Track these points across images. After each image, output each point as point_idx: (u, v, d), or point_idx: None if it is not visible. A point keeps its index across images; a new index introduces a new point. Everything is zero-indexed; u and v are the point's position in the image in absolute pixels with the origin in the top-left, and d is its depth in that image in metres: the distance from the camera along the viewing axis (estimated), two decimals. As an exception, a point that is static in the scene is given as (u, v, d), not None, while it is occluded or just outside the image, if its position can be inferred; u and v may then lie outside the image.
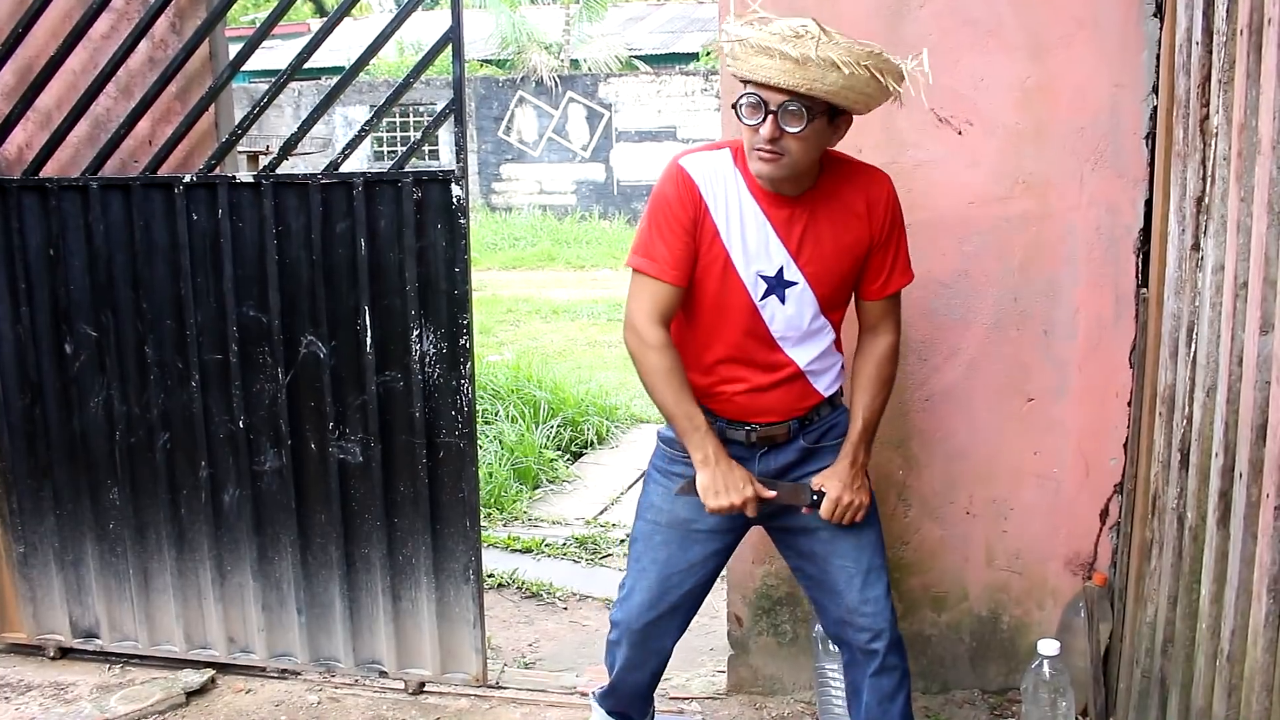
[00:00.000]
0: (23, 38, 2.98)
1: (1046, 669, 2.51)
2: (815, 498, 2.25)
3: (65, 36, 2.95)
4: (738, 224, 2.16)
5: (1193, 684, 2.11)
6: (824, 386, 2.29)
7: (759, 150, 2.06)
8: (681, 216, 2.16)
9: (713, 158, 2.19)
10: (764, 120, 2.02)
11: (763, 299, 2.18)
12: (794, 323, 2.21)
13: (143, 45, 2.97)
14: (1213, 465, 2.02)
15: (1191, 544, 2.15)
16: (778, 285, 2.18)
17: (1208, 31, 2.11)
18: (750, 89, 2.04)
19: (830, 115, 2.05)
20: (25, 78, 3.03)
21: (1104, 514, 2.79)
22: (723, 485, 2.19)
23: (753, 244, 2.17)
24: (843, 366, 2.35)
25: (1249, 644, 1.81)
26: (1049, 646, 2.50)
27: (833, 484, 2.24)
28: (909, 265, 2.29)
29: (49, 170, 3.06)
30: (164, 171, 2.98)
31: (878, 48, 2.00)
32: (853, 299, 2.32)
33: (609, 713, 2.58)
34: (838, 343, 2.31)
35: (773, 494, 2.24)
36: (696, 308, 2.24)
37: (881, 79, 2.00)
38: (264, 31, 2.90)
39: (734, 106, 2.07)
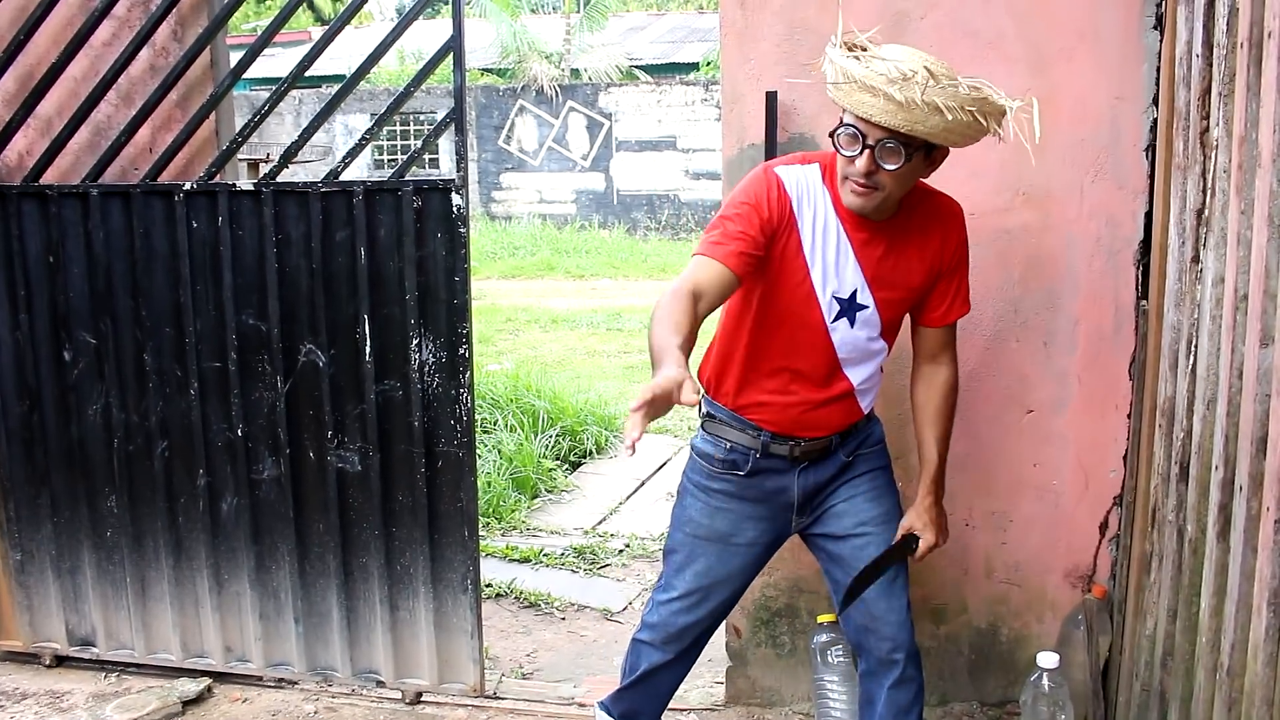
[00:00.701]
0: (24, 45, 2.98)
1: (1046, 682, 2.50)
2: (913, 545, 2.31)
3: (67, 44, 2.96)
4: (821, 242, 2.15)
5: (1192, 698, 2.10)
6: (866, 405, 2.32)
7: (853, 182, 2.05)
8: (768, 217, 2.10)
9: (804, 172, 2.17)
10: (861, 154, 2.01)
11: (834, 320, 2.19)
12: (858, 344, 2.22)
13: (144, 53, 2.97)
14: (1212, 478, 2.01)
15: (1191, 557, 2.14)
16: (850, 308, 2.18)
17: (1208, 44, 2.12)
18: (850, 119, 2.02)
19: (927, 151, 2.04)
20: (26, 84, 3.04)
21: (1103, 526, 2.78)
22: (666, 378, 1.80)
23: (832, 264, 2.16)
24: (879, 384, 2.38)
25: (1249, 658, 1.80)
26: (1048, 659, 2.49)
27: (926, 528, 2.32)
28: (969, 295, 2.30)
29: (49, 177, 3.07)
30: (164, 179, 2.99)
31: (985, 90, 1.97)
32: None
33: (619, 716, 2.54)
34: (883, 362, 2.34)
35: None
36: (770, 318, 2.20)
37: (984, 122, 1.98)
38: (265, 40, 2.90)
39: (832, 135, 2.06)
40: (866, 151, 2.01)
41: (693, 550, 2.36)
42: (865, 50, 2.06)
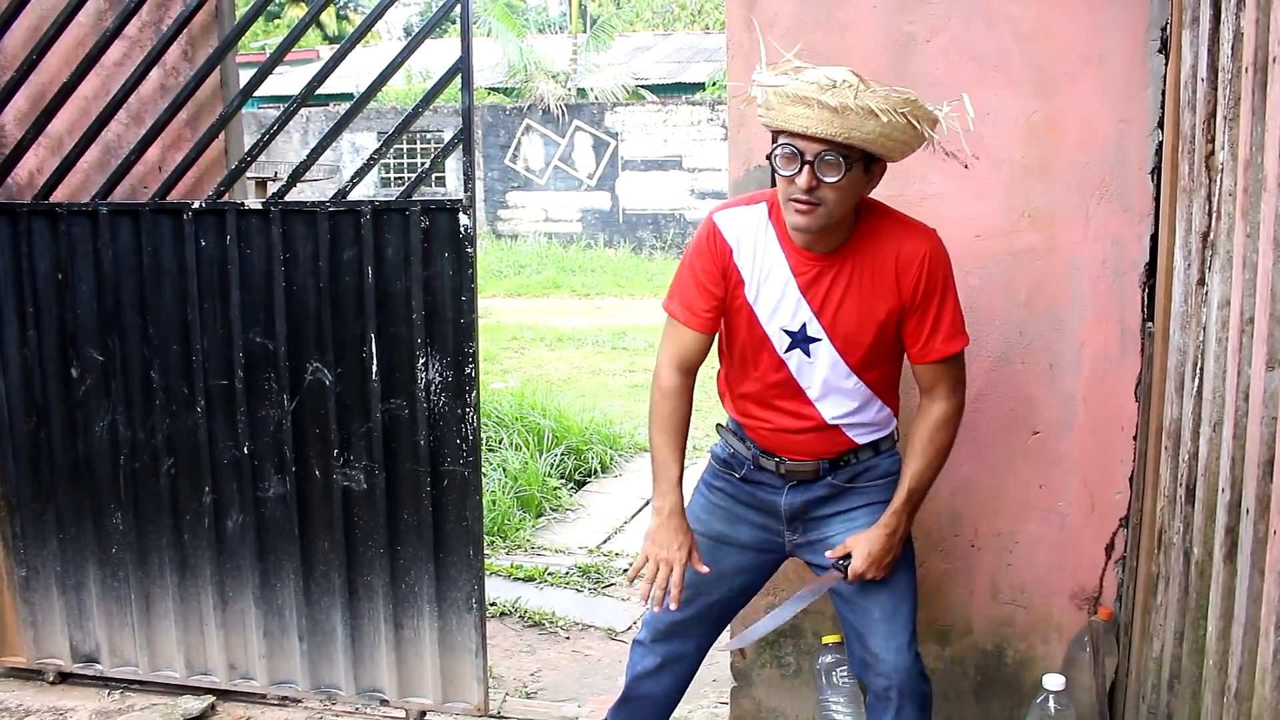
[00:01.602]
0: (36, 64, 3.01)
1: (1051, 704, 2.49)
2: (842, 562, 2.24)
3: (78, 63, 2.98)
4: (763, 278, 2.19)
5: (1199, 721, 2.09)
6: (860, 436, 2.29)
7: (795, 201, 2.05)
8: (710, 268, 2.22)
9: (747, 212, 2.22)
10: (800, 170, 2.01)
11: (787, 351, 2.20)
12: (822, 377, 2.21)
13: (154, 72, 3.00)
14: (1219, 500, 2.01)
15: (1198, 579, 2.14)
16: (802, 340, 2.19)
17: (1213, 68, 2.13)
18: (785, 139, 2.03)
19: (866, 163, 2.05)
20: (38, 104, 3.06)
21: (1109, 548, 2.77)
22: (661, 539, 2.29)
23: (775, 299, 2.18)
24: (892, 419, 2.35)
25: (1257, 681, 1.80)
26: (1054, 681, 2.48)
27: (860, 550, 2.22)
28: (957, 331, 2.21)
29: (59, 195, 3.09)
30: (173, 197, 3.01)
31: (914, 95, 2.00)
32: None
33: None
34: (888, 398, 2.31)
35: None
36: (731, 346, 2.30)
37: (918, 125, 2.00)
38: (275, 60, 2.93)
39: (769, 157, 2.07)
40: (806, 167, 2.01)
41: None
42: (793, 66, 2.07)
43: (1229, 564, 1.95)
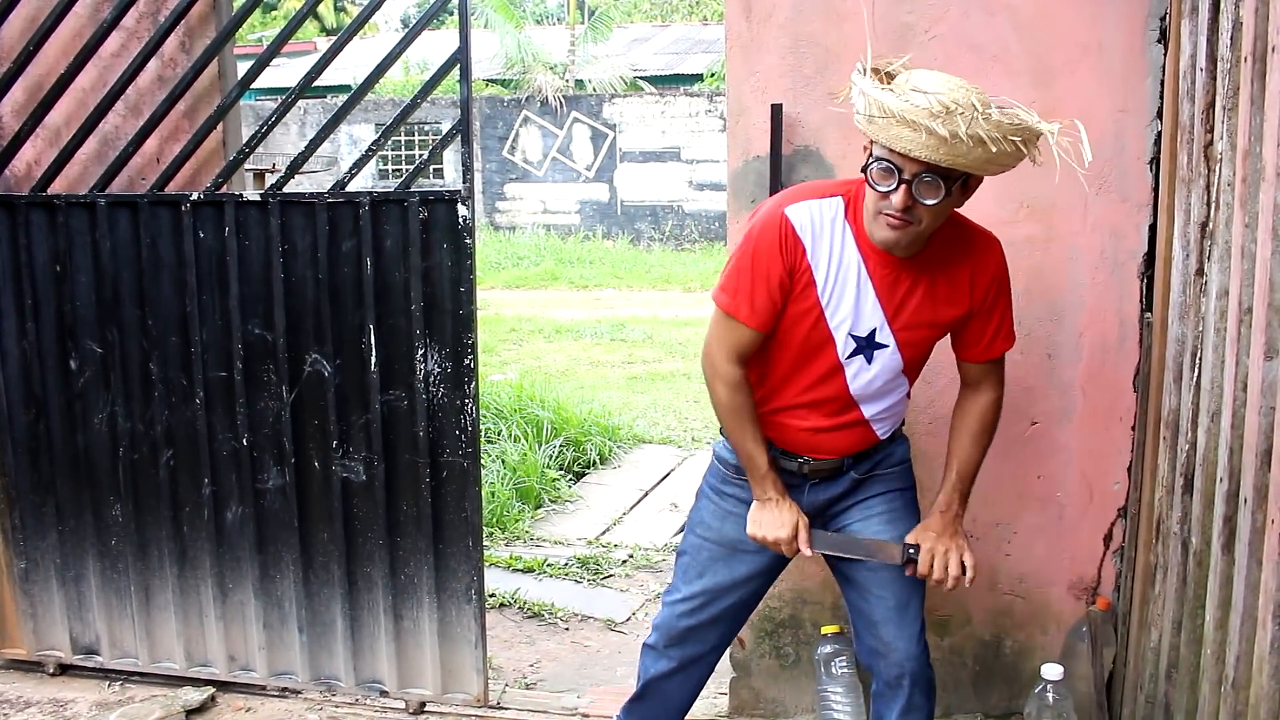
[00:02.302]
0: (34, 55, 3.00)
1: (1050, 694, 2.49)
2: (911, 552, 2.22)
3: (75, 54, 2.97)
4: (838, 280, 2.10)
5: (1197, 710, 2.10)
6: (883, 431, 2.28)
7: (887, 216, 1.98)
8: (777, 268, 2.09)
9: (822, 207, 2.10)
10: (897, 189, 1.94)
11: (849, 357, 2.15)
12: (874, 382, 2.18)
13: (152, 64, 2.99)
14: (1217, 490, 2.02)
15: (1196, 569, 2.14)
16: (867, 346, 2.14)
17: (1211, 58, 2.13)
18: (884, 153, 1.94)
19: (964, 181, 1.98)
20: (35, 95, 3.05)
21: (1107, 538, 2.78)
22: (773, 521, 2.21)
23: (850, 303, 2.11)
24: (905, 409, 2.35)
25: (1254, 670, 1.80)
26: (1052, 671, 2.49)
27: (927, 538, 2.21)
28: (1012, 331, 2.24)
29: (57, 187, 3.08)
30: (171, 189, 3.00)
31: (1027, 118, 1.90)
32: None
33: None
34: (908, 394, 2.31)
35: (811, 551, 2.23)
36: (778, 348, 2.19)
37: (1026, 151, 1.93)
38: (272, 52, 2.92)
39: (863, 169, 1.99)
40: (903, 186, 1.93)
41: (700, 553, 2.37)
42: (894, 79, 1.98)
43: (1227, 554, 1.96)
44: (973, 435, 2.27)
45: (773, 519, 2.21)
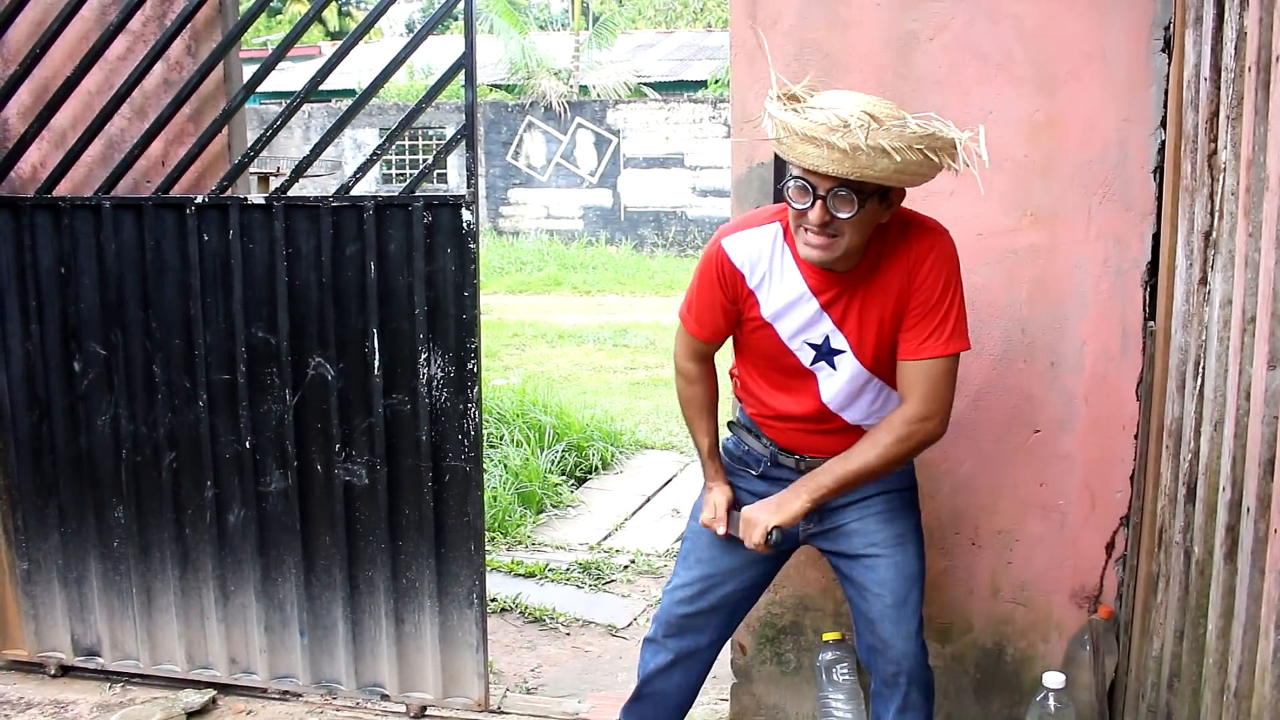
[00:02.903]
0: (40, 58, 3.01)
1: (1051, 702, 2.49)
2: (735, 514, 2.31)
3: (82, 58, 2.98)
4: (782, 301, 2.17)
5: (1199, 720, 2.10)
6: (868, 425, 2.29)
7: (809, 234, 2.02)
8: (719, 296, 2.22)
9: (757, 234, 2.17)
10: (813, 205, 1.98)
11: (814, 363, 2.20)
12: (847, 386, 2.21)
13: (158, 67, 3.00)
14: (1219, 499, 2.01)
15: (1198, 578, 2.14)
16: (827, 353, 2.19)
17: (1216, 68, 2.13)
18: (797, 171, 1.99)
19: (882, 194, 2.00)
20: (41, 98, 3.06)
21: (1110, 547, 2.78)
22: (707, 504, 2.39)
23: (798, 319, 2.17)
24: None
25: (1257, 680, 1.80)
26: (1054, 679, 2.48)
27: (750, 508, 2.25)
28: (955, 337, 2.12)
29: (62, 189, 3.09)
30: (176, 192, 3.01)
31: (932, 126, 1.92)
32: None
33: None
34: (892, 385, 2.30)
35: (722, 531, 2.34)
36: (751, 355, 2.30)
37: (935, 158, 1.94)
38: (278, 56, 2.93)
39: (780, 187, 2.06)
40: (818, 202, 1.97)
41: (699, 539, 2.41)
42: (801, 101, 2.01)
43: (1229, 563, 1.96)
44: (865, 441, 2.18)
45: (706, 502, 2.38)
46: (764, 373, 2.29)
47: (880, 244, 2.12)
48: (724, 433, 2.49)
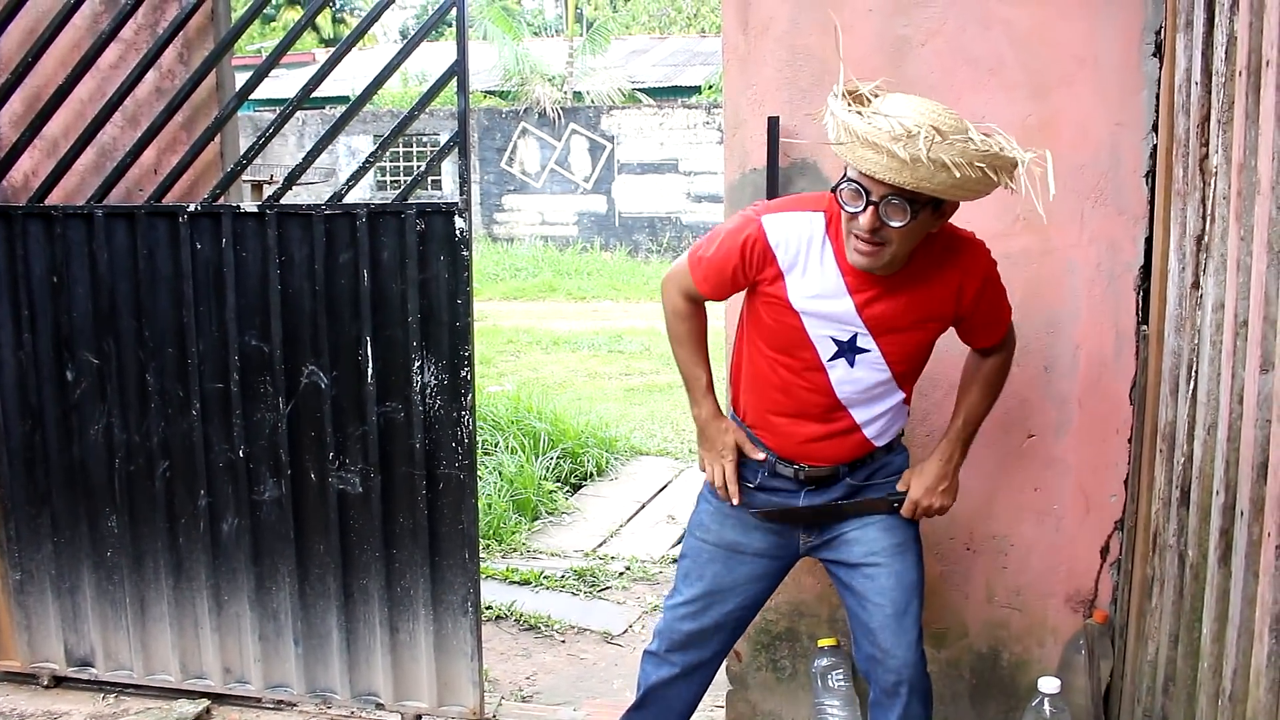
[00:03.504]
0: (32, 66, 3.01)
1: (1047, 707, 2.49)
2: (896, 502, 2.30)
3: (74, 66, 2.98)
4: (816, 292, 2.13)
5: (1194, 724, 2.09)
6: (879, 439, 2.29)
7: (858, 239, 2.01)
8: (738, 267, 2.17)
9: (801, 220, 2.14)
10: (865, 210, 1.96)
11: (831, 360, 2.17)
12: (860, 385, 2.20)
13: (150, 75, 2.99)
14: (1213, 503, 2.01)
15: (1193, 582, 2.14)
16: (849, 350, 2.16)
17: (1206, 72, 2.13)
18: (853, 173, 1.98)
19: (935, 205, 1.99)
20: (33, 106, 3.06)
21: (1104, 551, 2.78)
22: (706, 443, 2.34)
23: (828, 312, 2.14)
24: (904, 419, 2.38)
25: (1251, 684, 1.80)
26: (1049, 684, 2.48)
27: (917, 485, 2.28)
28: (1008, 310, 2.30)
29: (55, 198, 3.08)
30: (169, 200, 3.00)
31: (996, 144, 1.92)
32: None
33: None
34: (907, 400, 2.32)
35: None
36: (767, 351, 2.24)
37: (995, 176, 1.93)
38: (270, 64, 2.93)
39: (834, 189, 2.02)
40: (870, 208, 1.96)
41: (700, 555, 2.39)
42: (868, 102, 2.00)
43: (1224, 567, 1.96)
44: (982, 385, 2.33)
45: (709, 441, 2.33)
46: (771, 365, 2.23)
47: (925, 253, 2.12)
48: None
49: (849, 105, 1.98)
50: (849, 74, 2.04)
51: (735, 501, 2.31)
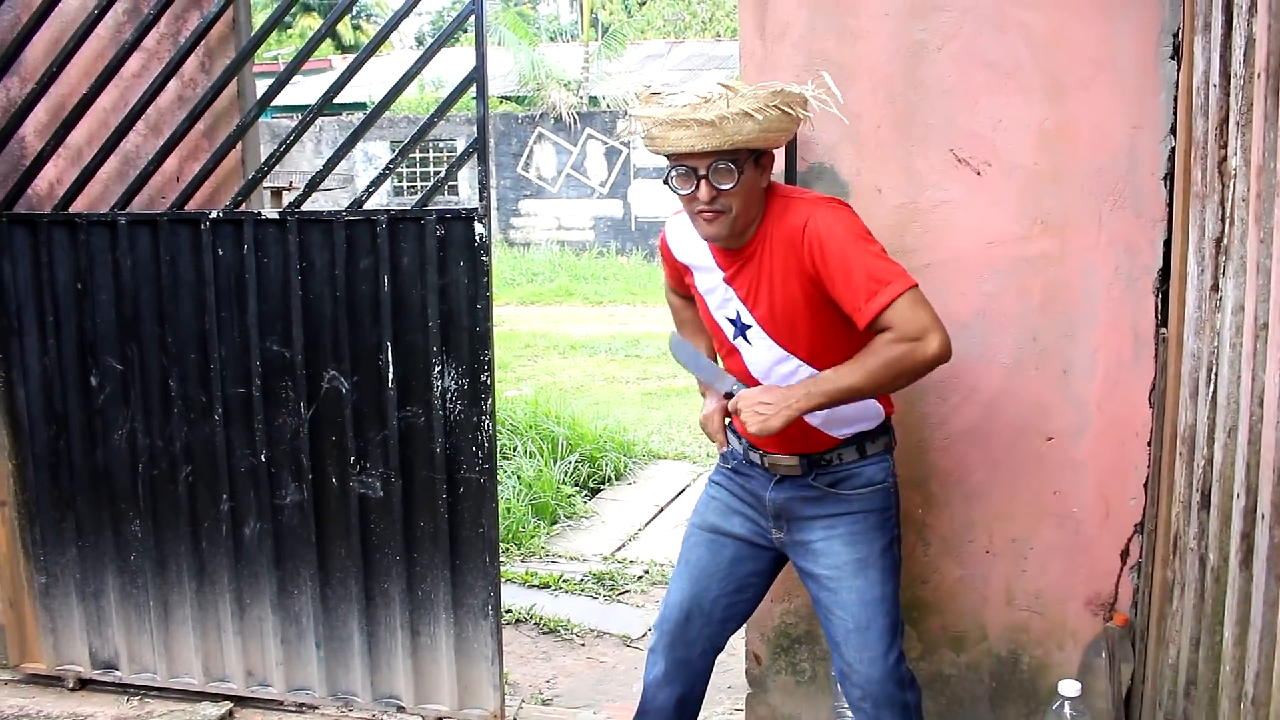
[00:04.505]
0: (57, 76, 3.04)
1: (1067, 711, 2.48)
2: (733, 390, 2.29)
3: (97, 75, 3.01)
4: (705, 275, 2.32)
5: (1216, 727, 2.09)
6: (836, 430, 2.28)
7: (702, 213, 2.14)
8: (670, 269, 2.49)
9: (684, 218, 2.32)
10: (698, 186, 2.11)
11: (735, 338, 2.30)
12: (763, 363, 2.27)
13: (172, 84, 3.03)
14: (1234, 506, 2.01)
15: (1214, 585, 2.13)
16: (741, 327, 2.27)
17: (1225, 74, 2.13)
18: (677, 161, 2.13)
19: (755, 158, 2.14)
20: (58, 115, 3.09)
21: (1125, 554, 2.77)
22: (706, 405, 2.46)
23: (716, 296, 2.30)
24: (873, 412, 2.30)
25: (1274, 687, 1.80)
26: (1070, 688, 2.48)
27: (749, 392, 2.19)
28: (876, 288, 2.05)
29: (79, 205, 3.12)
30: (191, 207, 3.03)
31: (778, 85, 2.12)
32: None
33: None
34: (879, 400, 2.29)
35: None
36: (716, 345, 2.42)
37: (792, 111, 2.12)
38: (291, 71, 2.95)
39: (665, 182, 2.16)
40: (702, 182, 2.10)
41: (689, 539, 2.48)
42: (660, 94, 2.13)
43: (1245, 569, 1.95)
44: (859, 357, 2.10)
45: (707, 399, 2.46)
46: (718, 353, 2.41)
47: (770, 216, 2.21)
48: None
49: (646, 103, 2.14)
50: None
51: (721, 446, 2.44)
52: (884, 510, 2.34)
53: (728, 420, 2.40)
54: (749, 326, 2.25)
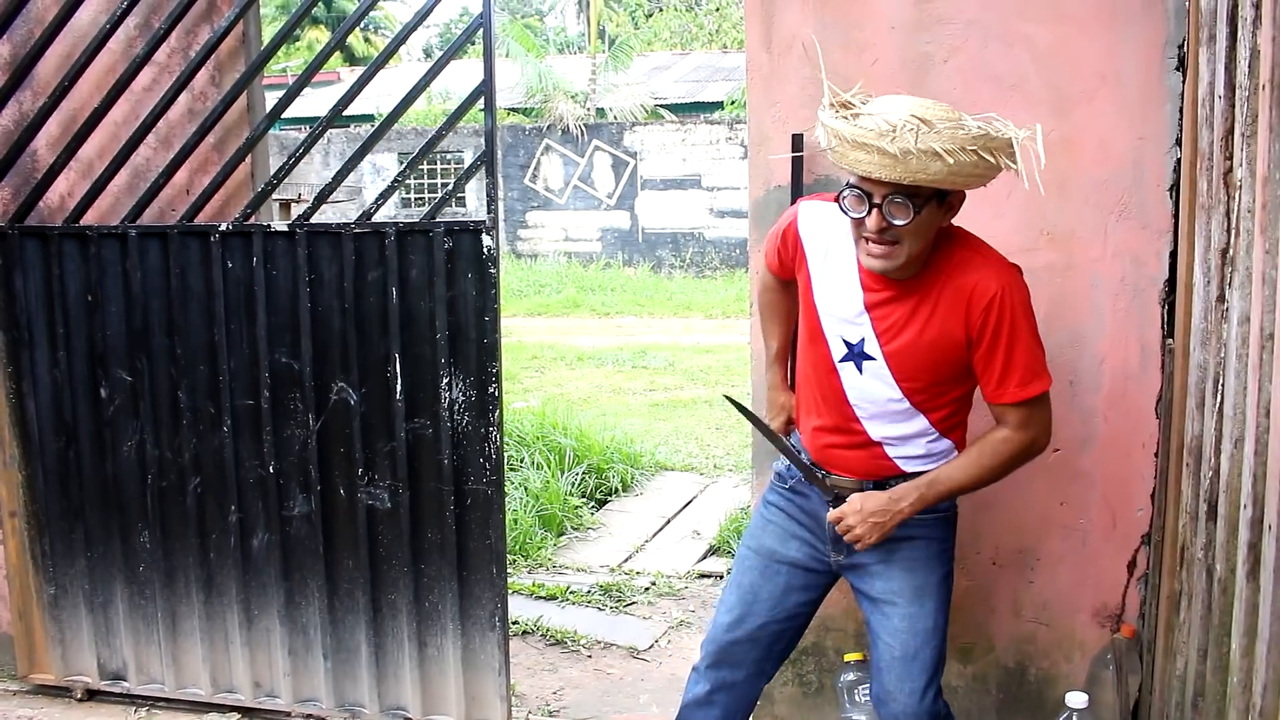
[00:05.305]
0: (68, 90, 3.07)
1: (1075, 722, 2.48)
2: (830, 500, 2.26)
3: (109, 89, 3.03)
4: (834, 284, 2.17)
5: (1224, 739, 2.08)
6: (909, 465, 2.23)
7: (869, 243, 2.02)
8: (782, 248, 2.31)
9: (834, 214, 2.14)
10: (869, 213, 1.98)
11: (842, 361, 2.18)
12: (870, 396, 2.17)
13: (183, 97, 3.05)
14: (1241, 517, 2.01)
15: (1221, 596, 2.13)
16: (858, 355, 2.16)
17: (1230, 86, 2.14)
18: (852, 179, 2.00)
19: (940, 197, 2.00)
20: (69, 128, 3.12)
21: (1131, 565, 2.77)
22: (770, 407, 2.53)
23: (841, 309, 2.16)
24: (949, 453, 2.26)
25: (1281, 699, 1.80)
26: (1077, 699, 2.47)
27: (854, 500, 2.18)
28: (1032, 376, 2.09)
29: (89, 218, 3.14)
30: (201, 220, 3.05)
31: (985, 127, 1.93)
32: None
33: None
34: (950, 433, 2.23)
35: (785, 456, 2.35)
36: (803, 341, 2.31)
37: (992, 158, 1.94)
38: (301, 84, 2.97)
39: (838, 199, 2.04)
40: (874, 210, 1.98)
41: (743, 562, 2.41)
42: (853, 108, 2.01)
43: (1252, 580, 1.95)
44: (974, 451, 2.17)
45: (770, 400, 2.53)
46: (804, 358, 2.29)
47: (943, 261, 2.10)
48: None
49: (837, 113, 2.01)
50: (831, 85, 2.07)
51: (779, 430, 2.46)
52: (944, 540, 2.32)
53: (792, 435, 2.38)
54: (871, 359, 2.14)
